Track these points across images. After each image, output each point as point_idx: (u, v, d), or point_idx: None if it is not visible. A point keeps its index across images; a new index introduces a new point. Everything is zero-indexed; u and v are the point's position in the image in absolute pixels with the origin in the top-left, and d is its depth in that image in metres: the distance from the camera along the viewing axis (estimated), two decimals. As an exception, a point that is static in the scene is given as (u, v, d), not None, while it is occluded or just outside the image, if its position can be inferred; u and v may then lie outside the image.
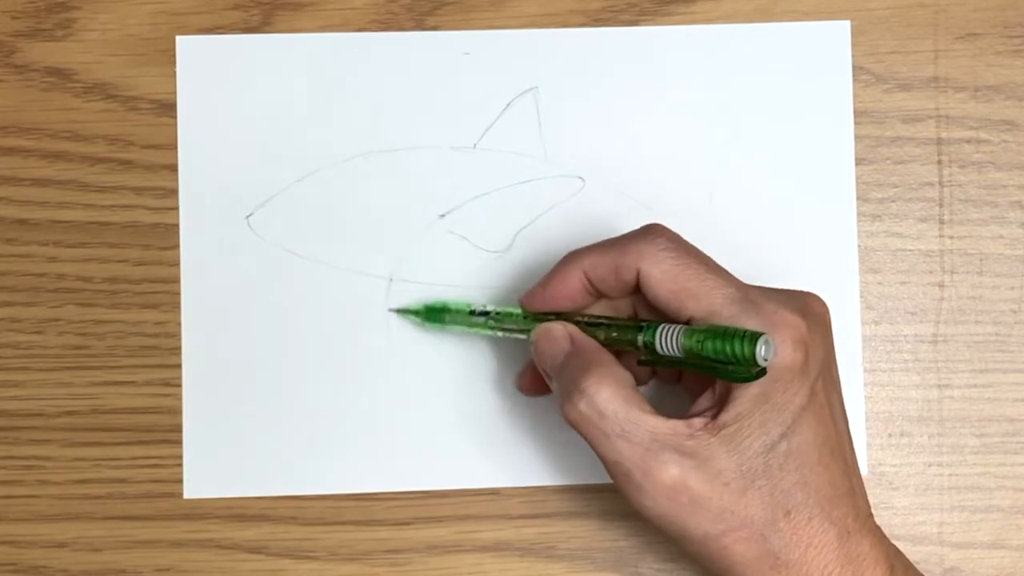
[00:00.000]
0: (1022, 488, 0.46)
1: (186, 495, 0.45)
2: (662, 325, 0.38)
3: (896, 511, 0.46)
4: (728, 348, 0.35)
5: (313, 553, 0.45)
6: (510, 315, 0.42)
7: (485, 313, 0.43)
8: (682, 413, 0.37)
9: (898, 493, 0.46)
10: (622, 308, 0.41)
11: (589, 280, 0.40)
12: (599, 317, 0.40)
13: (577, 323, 0.40)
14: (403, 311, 0.45)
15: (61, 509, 0.45)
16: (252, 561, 0.45)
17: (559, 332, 0.40)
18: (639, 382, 0.41)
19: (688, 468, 0.36)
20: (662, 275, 0.38)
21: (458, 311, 0.44)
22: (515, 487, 0.45)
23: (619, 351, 0.40)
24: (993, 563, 0.46)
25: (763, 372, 0.35)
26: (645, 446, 0.36)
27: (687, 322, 0.38)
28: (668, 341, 0.37)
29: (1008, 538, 0.46)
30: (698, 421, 0.37)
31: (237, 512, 0.45)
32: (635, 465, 0.36)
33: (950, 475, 0.46)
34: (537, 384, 0.42)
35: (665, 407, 0.37)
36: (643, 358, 0.38)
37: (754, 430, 0.36)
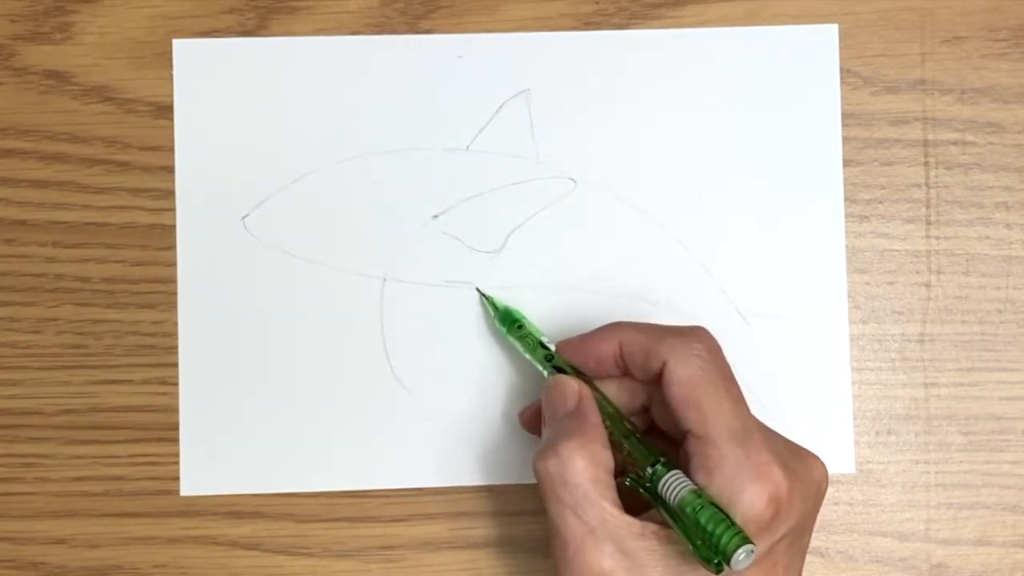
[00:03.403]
0: (1008, 485, 0.46)
1: (183, 492, 0.46)
2: (677, 472, 0.37)
3: (883, 508, 0.46)
4: (716, 529, 0.35)
5: (308, 550, 0.46)
6: (551, 356, 0.42)
7: (545, 346, 0.43)
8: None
9: (885, 490, 0.46)
10: (638, 393, 0.41)
11: (621, 353, 0.40)
12: (632, 422, 0.40)
13: (611, 413, 0.40)
14: (487, 298, 0.45)
15: (59, 506, 0.46)
16: (248, 557, 0.46)
17: (571, 390, 0.40)
18: (618, 472, 0.39)
19: (620, 566, 0.36)
20: (684, 377, 0.38)
21: (528, 335, 0.44)
22: (509, 484, 0.46)
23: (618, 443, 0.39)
24: (980, 559, 0.46)
25: (720, 568, 0.35)
26: (591, 528, 0.36)
27: (685, 432, 0.38)
28: (673, 486, 0.37)
29: (994, 535, 0.46)
30: (653, 525, 0.37)
31: (233, 509, 0.46)
32: (573, 542, 0.36)
33: (937, 472, 0.46)
34: (535, 424, 0.42)
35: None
36: (629, 482, 0.38)
37: (700, 561, 0.35)
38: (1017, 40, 0.47)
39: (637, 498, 0.38)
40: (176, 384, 0.46)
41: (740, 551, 0.35)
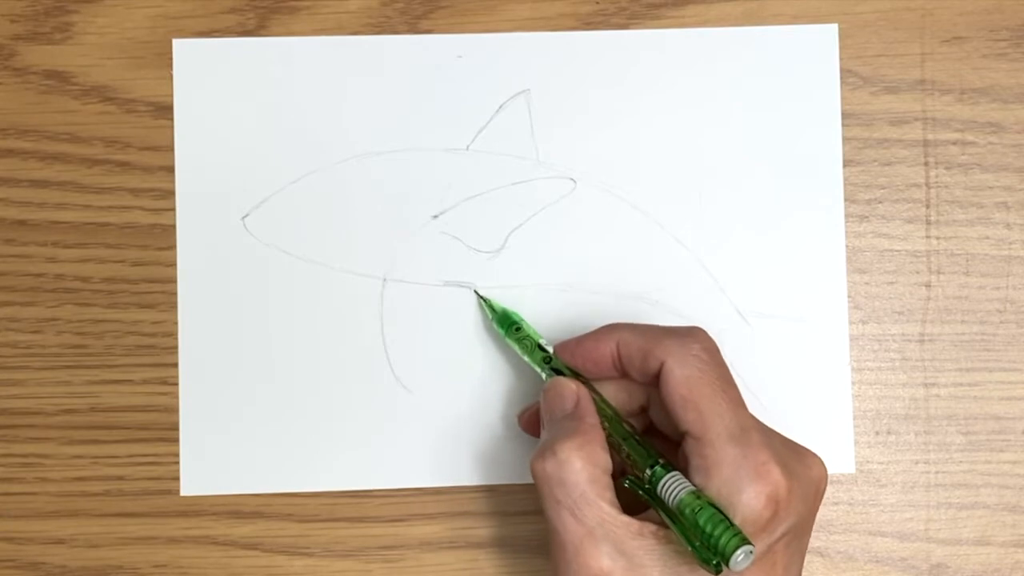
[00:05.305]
0: (1007, 485, 0.46)
1: (183, 492, 0.46)
2: (676, 473, 0.37)
3: (883, 508, 0.46)
4: (715, 530, 0.35)
5: (308, 550, 0.46)
6: (549, 358, 0.42)
7: (543, 348, 0.43)
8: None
9: (885, 490, 0.46)
10: (636, 394, 0.41)
11: (619, 354, 0.40)
12: (631, 424, 0.40)
13: (609, 415, 0.40)
14: (485, 300, 0.45)
15: (59, 506, 0.46)
16: (248, 557, 0.46)
17: (569, 392, 0.40)
18: (616, 473, 0.39)
19: (619, 566, 0.36)
20: (681, 378, 0.38)
21: (526, 337, 0.44)
22: (509, 484, 0.46)
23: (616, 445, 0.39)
24: (979, 559, 0.46)
25: (719, 569, 0.35)
26: (589, 528, 0.36)
27: (683, 433, 0.38)
28: (671, 487, 0.37)
29: (994, 535, 0.46)
30: (651, 525, 0.37)
31: (233, 509, 0.46)
32: (572, 542, 0.36)
33: (936, 472, 0.46)
34: (534, 426, 0.42)
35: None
36: (628, 483, 0.38)
37: (698, 562, 0.35)
38: (1017, 40, 0.47)
39: (635, 499, 0.38)
40: (176, 384, 0.46)
41: (739, 552, 0.35)
